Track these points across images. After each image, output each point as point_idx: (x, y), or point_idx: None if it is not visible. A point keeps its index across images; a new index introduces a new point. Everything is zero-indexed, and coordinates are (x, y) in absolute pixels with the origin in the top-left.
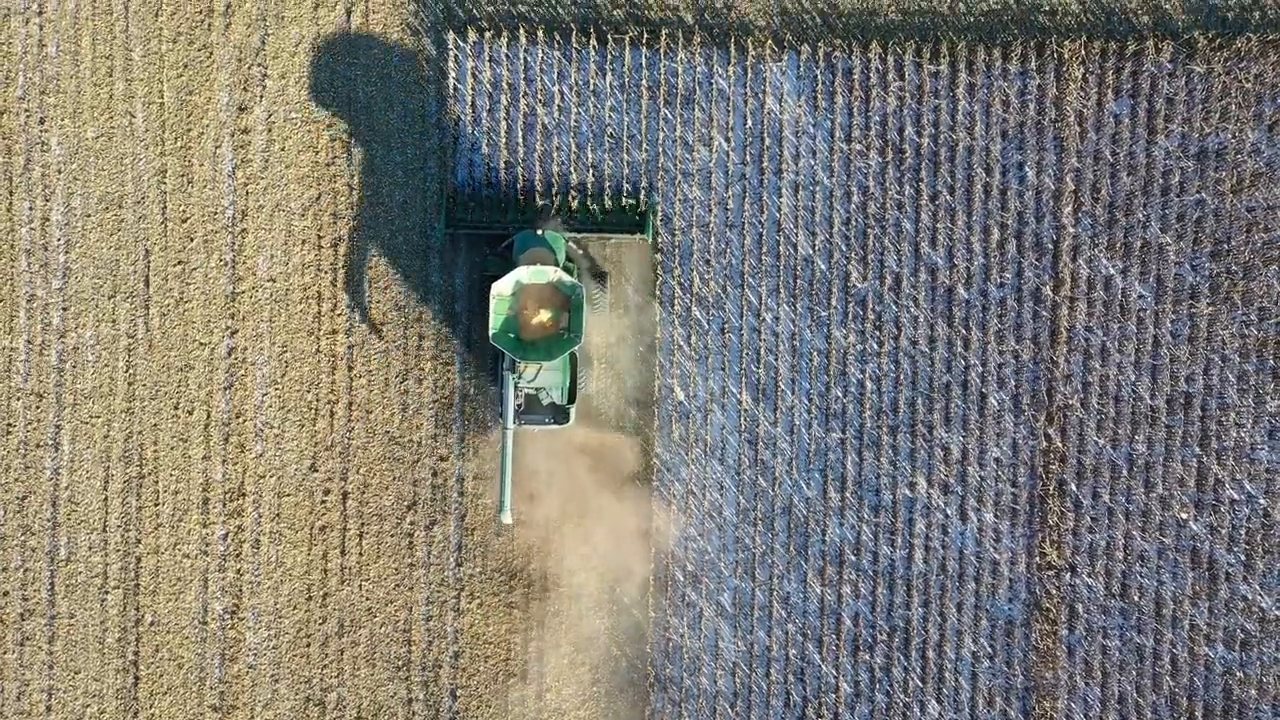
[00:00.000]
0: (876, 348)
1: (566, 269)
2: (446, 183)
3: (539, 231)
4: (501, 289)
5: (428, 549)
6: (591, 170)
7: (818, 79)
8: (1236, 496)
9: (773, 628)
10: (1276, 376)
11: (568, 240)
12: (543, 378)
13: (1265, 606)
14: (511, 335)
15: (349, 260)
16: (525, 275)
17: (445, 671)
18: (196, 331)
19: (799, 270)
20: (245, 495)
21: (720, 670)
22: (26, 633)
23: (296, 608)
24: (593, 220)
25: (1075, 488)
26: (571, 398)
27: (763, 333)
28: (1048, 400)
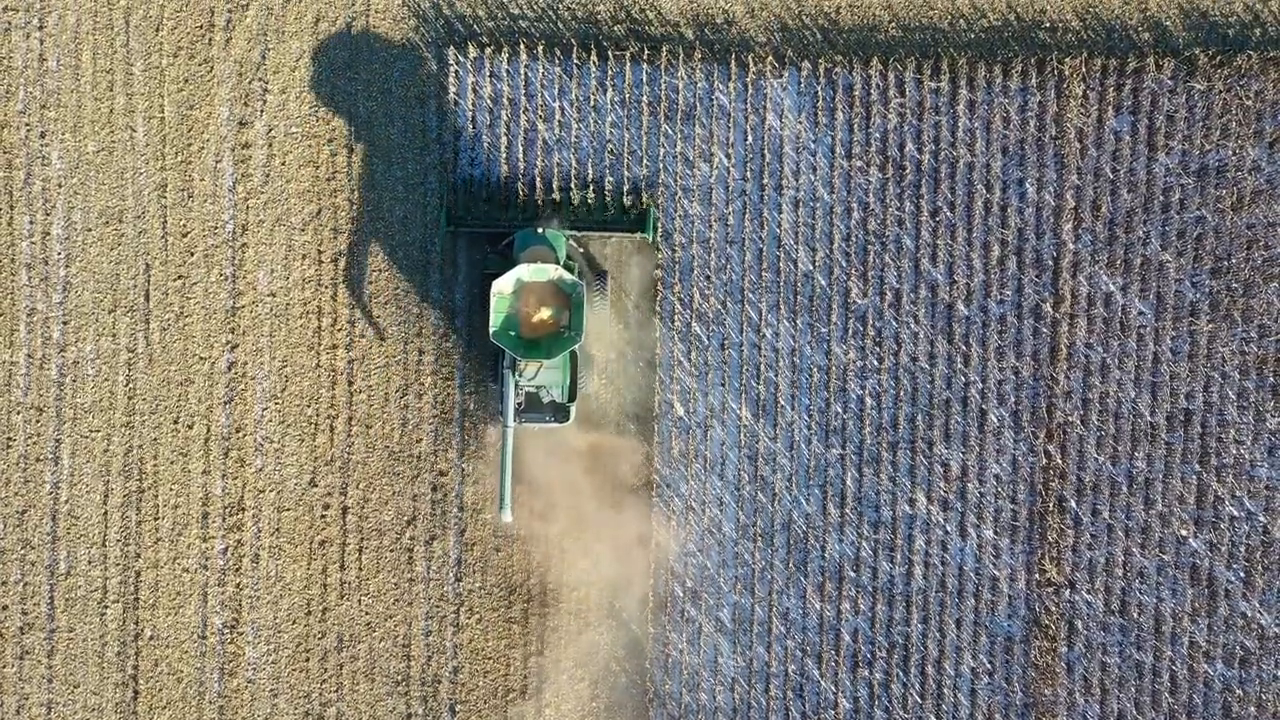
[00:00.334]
0: (876, 364)
1: (567, 267)
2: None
3: (539, 230)
4: (502, 287)
5: (427, 564)
6: (592, 185)
7: (818, 95)
8: (1236, 513)
9: (772, 644)
10: (1276, 394)
11: (568, 238)
12: (543, 376)
13: (1265, 624)
14: (512, 333)
15: (349, 275)
16: (526, 273)
17: (445, 687)
18: (196, 346)
19: (799, 286)
20: (245, 510)
21: (719, 686)
22: (26, 646)
23: (296, 622)
24: (593, 219)
25: (1075, 504)
26: (572, 396)
27: (763, 348)
28: (1047, 417)
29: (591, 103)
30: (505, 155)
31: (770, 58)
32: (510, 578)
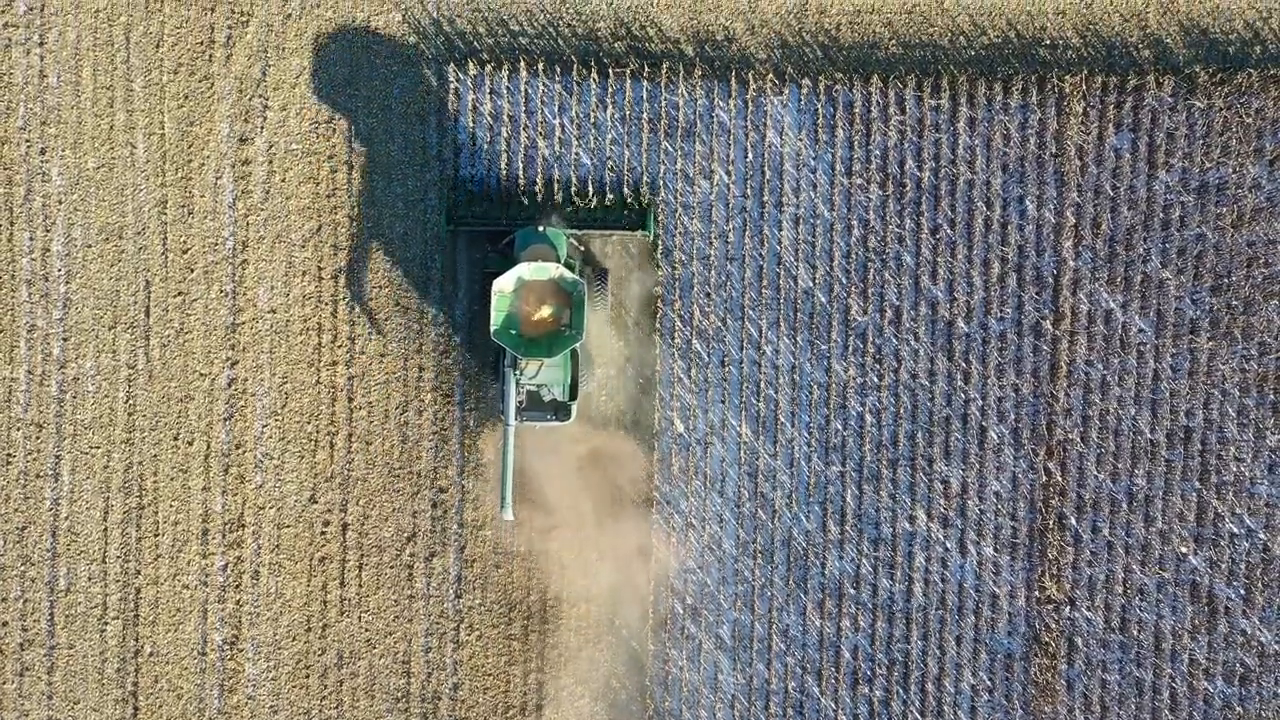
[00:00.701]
0: (876, 381)
1: (568, 265)
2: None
3: (540, 228)
4: (503, 286)
5: (427, 580)
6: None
7: (818, 112)
8: (1236, 531)
9: (772, 661)
10: (1276, 411)
11: (569, 237)
12: (544, 374)
13: (1265, 641)
14: (513, 332)
15: (349, 291)
16: (527, 272)
17: (444, 703)
18: (197, 362)
19: (799, 303)
20: (245, 526)
21: (719, 703)
22: (26, 663)
23: (296, 639)
24: (593, 217)
25: (1075, 521)
26: (573, 394)
27: (763, 365)
28: (1048, 434)
29: (592, 119)
30: (505, 172)
31: (770, 75)
32: (510, 594)
